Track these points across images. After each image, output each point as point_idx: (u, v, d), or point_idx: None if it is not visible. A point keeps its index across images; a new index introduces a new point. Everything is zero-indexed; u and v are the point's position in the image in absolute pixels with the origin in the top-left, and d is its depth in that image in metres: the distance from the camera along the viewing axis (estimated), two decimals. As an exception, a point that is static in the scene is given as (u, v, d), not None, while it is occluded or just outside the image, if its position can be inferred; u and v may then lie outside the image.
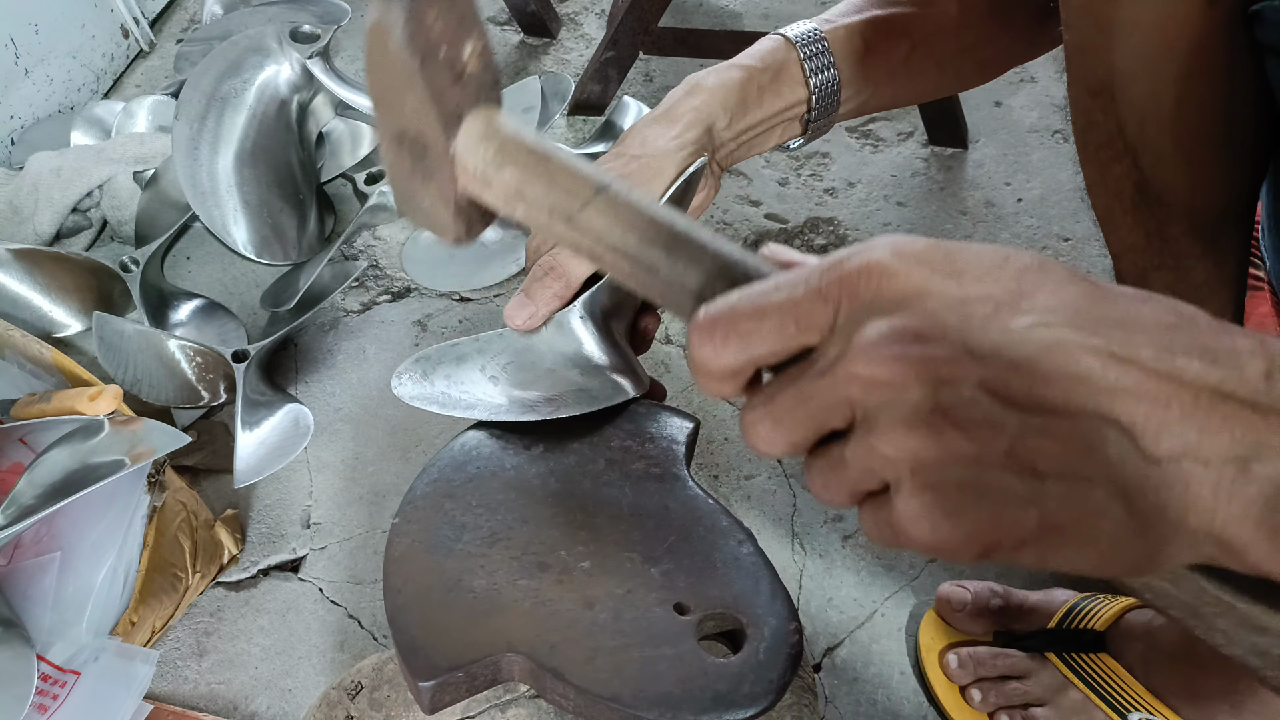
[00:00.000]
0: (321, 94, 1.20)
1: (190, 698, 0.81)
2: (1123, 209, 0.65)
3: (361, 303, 1.11)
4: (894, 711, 0.78)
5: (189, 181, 1.05)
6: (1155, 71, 0.56)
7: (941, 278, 0.33)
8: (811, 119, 0.70)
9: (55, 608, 0.77)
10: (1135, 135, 0.60)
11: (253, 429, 0.93)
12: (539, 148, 0.42)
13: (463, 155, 0.42)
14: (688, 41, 1.28)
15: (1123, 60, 0.57)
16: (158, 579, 0.82)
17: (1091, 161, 0.65)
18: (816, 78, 0.69)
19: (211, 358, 0.96)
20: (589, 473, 0.62)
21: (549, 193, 0.41)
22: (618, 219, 0.40)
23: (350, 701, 0.70)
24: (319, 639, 0.84)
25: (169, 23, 1.50)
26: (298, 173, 1.15)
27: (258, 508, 0.93)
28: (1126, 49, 0.56)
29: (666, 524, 0.59)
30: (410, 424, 0.99)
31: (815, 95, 0.69)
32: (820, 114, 0.70)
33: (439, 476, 0.62)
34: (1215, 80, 0.56)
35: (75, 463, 0.74)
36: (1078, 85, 0.62)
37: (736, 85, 0.67)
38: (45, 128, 1.27)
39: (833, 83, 0.70)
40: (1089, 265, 1.08)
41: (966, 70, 0.77)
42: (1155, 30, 0.55)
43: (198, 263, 1.16)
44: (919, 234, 1.11)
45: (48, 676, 0.75)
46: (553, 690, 0.52)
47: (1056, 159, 1.20)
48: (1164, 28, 0.55)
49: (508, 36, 1.43)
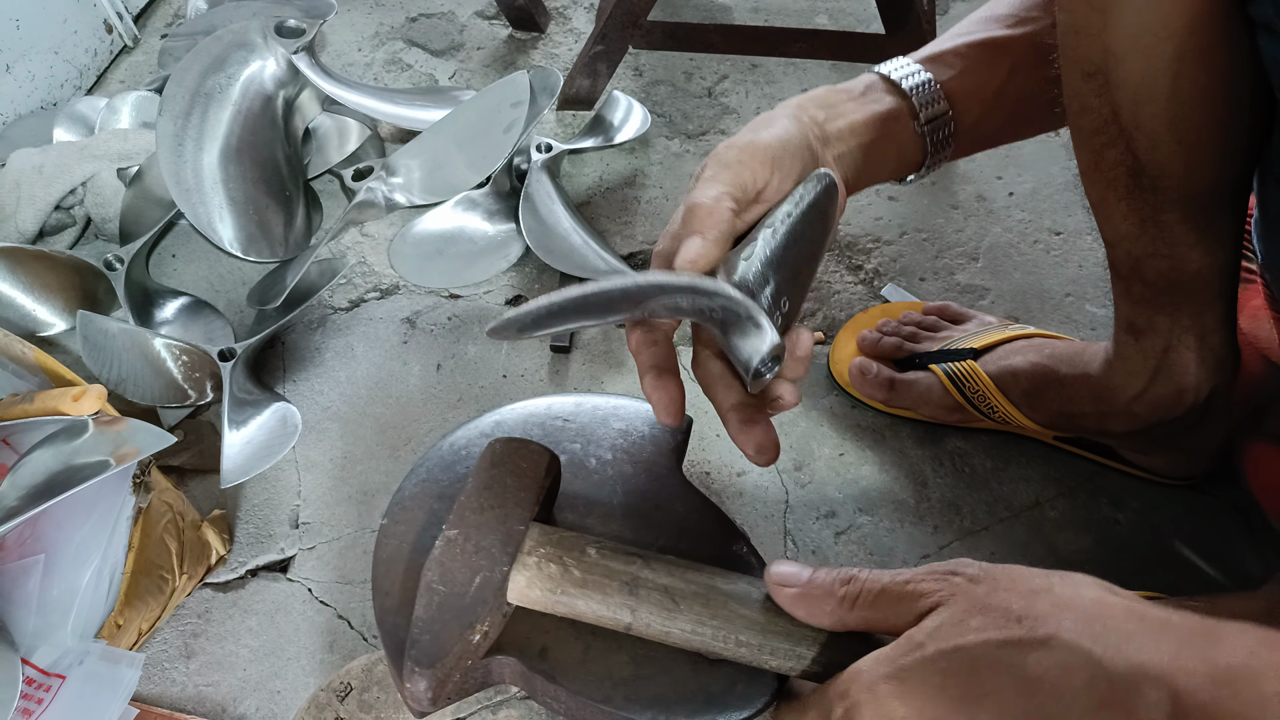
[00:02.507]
0: (307, 89, 1.19)
1: (178, 700, 0.81)
2: (1116, 196, 0.65)
3: (349, 300, 1.10)
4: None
5: (174, 178, 1.04)
6: (1150, 52, 0.56)
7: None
8: (925, 129, 0.69)
9: (39, 611, 0.76)
10: (1130, 119, 0.59)
11: (240, 428, 0.93)
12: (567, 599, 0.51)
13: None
14: (677, 35, 1.27)
15: (1117, 41, 0.56)
16: (144, 581, 0.81)
17: (1085, 147, 0.65)
18: (910, 82, 0.68)
19: (198, 356, 0.95)
20: (580, 472, 0.61)
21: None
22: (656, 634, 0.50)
23: (339, 703, 0.70)
24: (308, 640, 0.83)
25: (153, 18, 1.49)
26: (284, 169, 1.14)
27: (245, 508, 0.93)
28: (1121, 29, 0.56)
29: (659, 523, 0.59)
30: (399, 422, 0.98)
31: (915, 99, 0.68)
32: (934, 122, 0.69)
33: (427, 477, 0.61)
34: (1211, 60, 0.56)
35: (59, 464, 0.73)
36: (1071, 69, 0.61)
37: (819, 94, 0.67)
38: (27, 124, 1.25)
39: (932, 88, 0.69)
40: (1081, 260, 1.07)
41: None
42: (1150, 9, 0.54)
43: (183, 260, 1.15)
44: (911, 229, 1.11)
45: (32, 680, 0.74)
46: (543, 692, 0.52)
47: (1048, 152, 1.20)
48: (1159, 5, 0.54)
49: (496, 31, 1.42)
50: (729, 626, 0.48)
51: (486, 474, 0.54)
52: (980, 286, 1.06)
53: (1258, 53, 0.53)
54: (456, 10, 1.46)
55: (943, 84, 0.69)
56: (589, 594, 0.49)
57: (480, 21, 1.44)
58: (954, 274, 1.07)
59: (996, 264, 1.08)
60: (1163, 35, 0.55)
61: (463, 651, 0.49)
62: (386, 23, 1.45)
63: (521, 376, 1.01)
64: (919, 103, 0.68)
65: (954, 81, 0.70)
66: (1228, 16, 0.53)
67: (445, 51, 1.40)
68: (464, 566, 0.50)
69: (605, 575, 0.50)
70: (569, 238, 1.09)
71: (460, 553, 0.50)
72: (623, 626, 0.49)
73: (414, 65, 1.38)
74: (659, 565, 0.50)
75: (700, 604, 0.49)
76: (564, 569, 0.50)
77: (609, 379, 1.00)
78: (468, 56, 1.39)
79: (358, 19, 1.45)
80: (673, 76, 1.33)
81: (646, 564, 0.50)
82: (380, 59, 1.39)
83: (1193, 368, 0.72)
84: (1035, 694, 0.39)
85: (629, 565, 0.50)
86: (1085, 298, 1.04)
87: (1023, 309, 1.03)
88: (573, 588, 0.50)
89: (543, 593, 0.50)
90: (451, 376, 1.02)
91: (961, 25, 0.74)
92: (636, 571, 0.50)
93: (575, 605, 0.50)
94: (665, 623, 0.49)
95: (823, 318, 1.04)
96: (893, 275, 1.07)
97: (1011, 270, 1.08)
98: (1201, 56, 0.55)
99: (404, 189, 1.14)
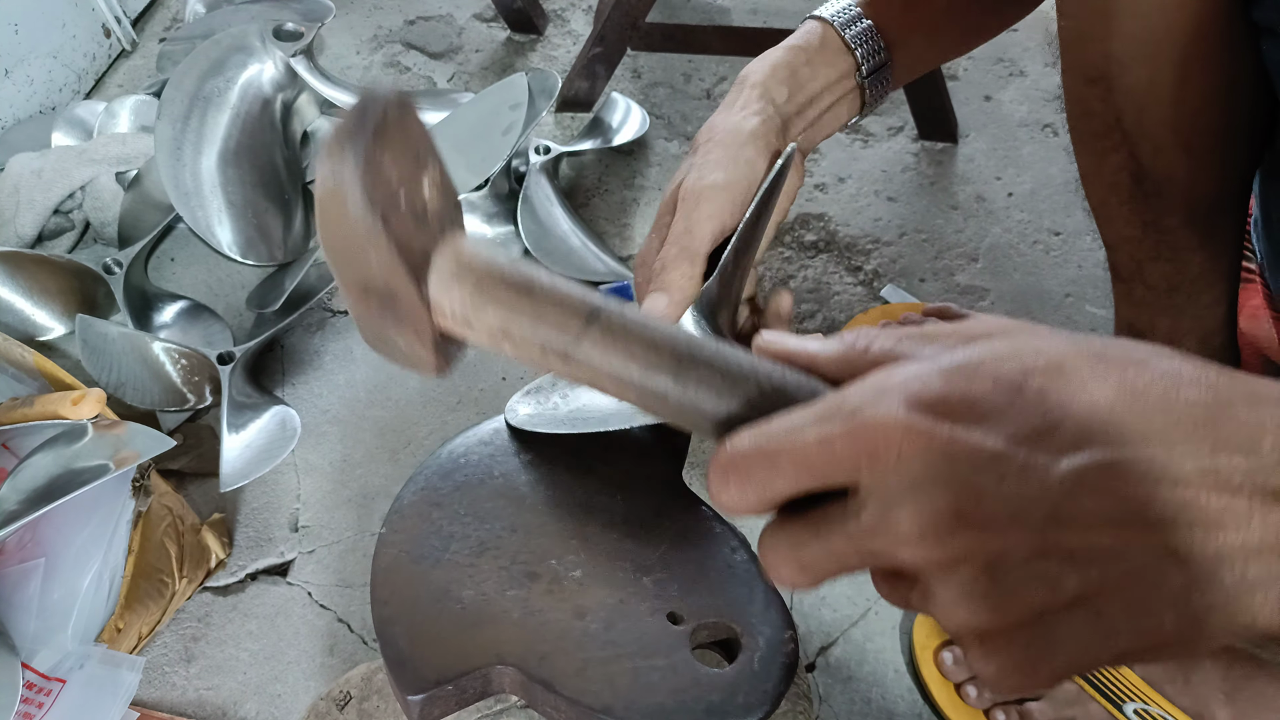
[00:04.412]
0: (306, 92, 1.18)
1: (178, 704, 0.81)
2: (1119, 200, 0.64)
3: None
4: (889, 710, 0.78)
5: (172, 182, 1.04)
6: (1155, 57, 0.56)
7: (965, 429, 0.31)
8: (866, 81, 0.69)
9: (40, 615, 0.76)
10: (1133, 124, 0.59)
11: (239, 432, 0.93)
12: (518, 278, 0.39)
13: (438, 299, 0.39)
14: (675, 37, 1.27)
15: (1121, 47, 0.56)
16: (144, 585, 0.81)
17: (1087, 152, 0.65)
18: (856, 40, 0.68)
19: (197, 360, 0.95)
20: (579, 480, 0.61)
21: (537, 328, 0.38)
22: (616, 347, 0.38)
23: (339, 712, 0.70)
24: (308, 643, 0.83)
25: (151, 22, 1.49)
26: (282, 172, 1.14)
27: (245, 511, 0.93)
28: (1125, 35, 0.56)
29: (659, 531, 0.59)
30: (399, 425, 0.98)
31: (859, 53, 0.68)
32: (874, 73, 0.69)
33: (426, 485, 0.61)
34: (1215, 64, 0.55)
35: (59, 468, 0.74)
36: (1074, 74, 0.61)
37: (784, 62, 0.67)
38: (26, 129, 1.25)
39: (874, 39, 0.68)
40: (1080, 260, 1.07)
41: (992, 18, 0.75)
42: (1155, 13, 0.54)
43: (182, 264, 1.15)
44: (910, 230, 1.11)
45: (32, 684, 0.74)
46: (544, 702, 0.52)
47: (1047, 153, 1.19)
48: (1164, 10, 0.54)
49: (494, 33, 1.42)
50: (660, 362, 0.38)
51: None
52: (980, 287, 1.06)
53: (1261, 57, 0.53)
54: (455, 13, 1.46)
55: (884, 27, 0.69)
56: (536, 304, 0.39)
57: (478, 24, 1.44)
58: (954, 275, 1.07)
59: (996, 265, 1.08)
60: (1166, 41, 0.55)
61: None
62: (385, 26, 1.45)
63: (521, 379, 1.01)
64: (861, 57, 0.68)
65: (896, 20, 0.69)
66: (1231, 21, 0.53)
67: (443, 54, 1.40)
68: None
69: (557, 296, 0.39)
70: (567, 240, 1.09)
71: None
72: (560, 349, 0.39)
73: (412, 68, 1.38)
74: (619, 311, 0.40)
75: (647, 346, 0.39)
76: (500, 268, 0.40)
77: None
78: (466, 59, 1.39)
79: (356, 22, 1.45)
80: (671, 78, 1.33)
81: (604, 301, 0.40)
82: (378, 62, 1.39)
83: None
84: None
85: (587, 295, 0.40)
86: (1085, 298, 1.04)
87: (1023, 310, 1.03)
88: (510, 291, 0.39)
89: (470, 289, 0.39)
90: (450, 379, 1.02)
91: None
92: (596, 302, 0.39)
93: (511, 318, 0.39)
94: (607, 357, 0.39)
95: (823, 319, 1.04)
96: (892, 276, 1.07)
97: (1011, 271, 1.07)
98: (1205, 61, 0.55)
99: (403, 192, 1.14)
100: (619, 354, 0.37)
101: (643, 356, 0.37)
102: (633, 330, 0.38)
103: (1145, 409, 0.31)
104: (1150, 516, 0.30)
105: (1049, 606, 0.30)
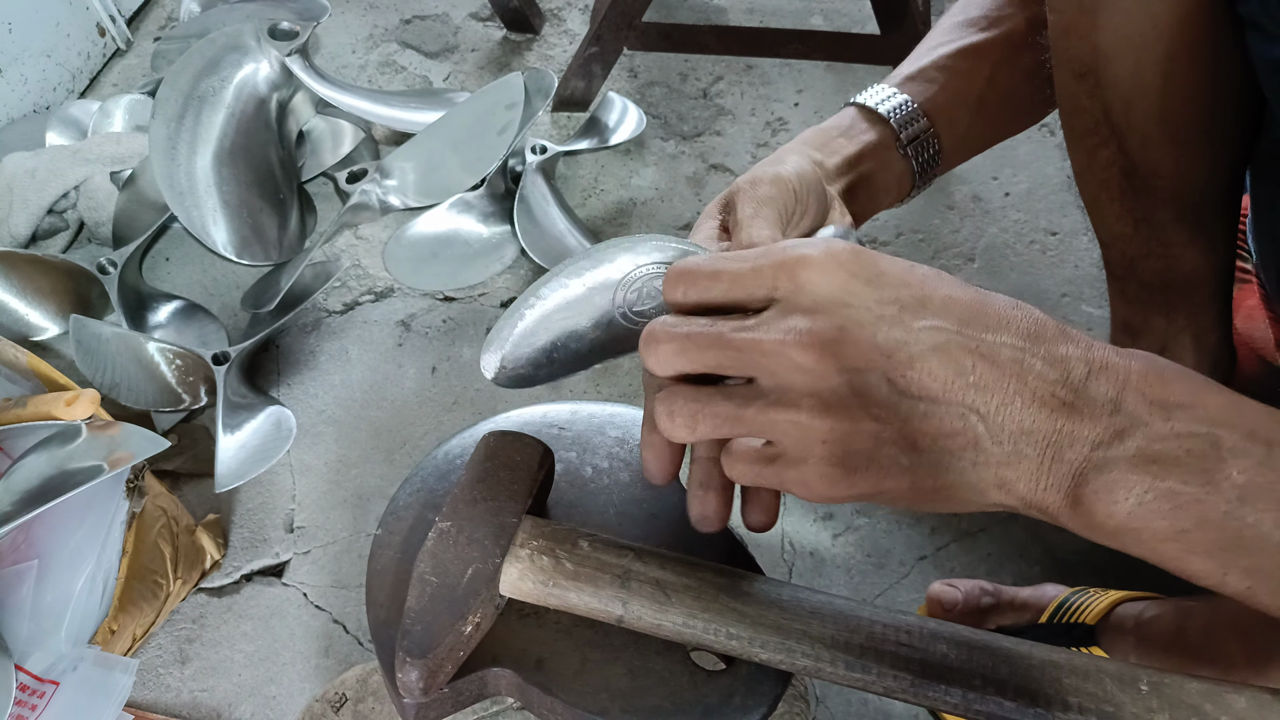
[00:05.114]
0: (301, 92, 1.18)
1: (173, 706, 0.80)
2: (1110, 196, 0.65)
3: (344, 303, 1.09)
4: (885, 711, 0.78)
5: (167, 182, 1.03)
6: (1140, 51, 0.56)
7: (862, 283, 0.42)
8: (908, 149, 0.68)
9: (33, 616, 0.76)
10: (1121, 118, 0.60)
11: (234, 432, 0.92)
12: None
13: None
14: (672, 37, 1.27)
15: (1107, 41, 0.57)
16: (138, 586, 0.81)
17: (1078, 147, 0.65)
18: (891, 111, 0.68)
19: (191, 360, 0.95)
20: (575, 481, 0.61)
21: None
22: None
23: (334, 714, 0.69)
24: (303, 645, 0.83)
25: (146, 20, 1.48)
26: (278, 172, 1.13)
27: (240, 512, 0.92)
28: (1110, 29, 0.56)
29: (655, 533, 0.58)
30: (394, 426, 0.98)
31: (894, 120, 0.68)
32: (914, 141, 0.68)
33: (421, 486, 0.60)
34: (1200, 58, 0.56)
35: (52, 469, 0.73)
36: (1063, 69, 0.62)
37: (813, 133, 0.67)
38: (20, 128, 1.25)
39: (909, 108, 0.68)
40: (1077, 260, 1.07)
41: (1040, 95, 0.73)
42: (1139, 8, 0.55)
43: (177, 264, 1.15)
44: (907, 230, 1.11)
45: (26, 686, 0.74)
46: (540, 704, 0.52)
47: (1043, 153, 1.19)
48: (1148, 5, 0.54)
49: (490, 32, 1.42)
50: (720, 620, 0.48)
51: (480, 467, 0.54)
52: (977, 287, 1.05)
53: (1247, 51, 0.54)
54: (451, 12, 1.46)
55: (925, 100, 0.69)
56: (581, 586, 0.49)
57: (475, 23, 1.44)
58: (951, 274, 1.07)
59: (993, 264, 1.08)
60: (1152, 34, 0.55)
61: (454, 642, 0.49)
62: (380, 25, 1.45)
63: (517, 379, 1.00)
64: (898, 125, 0.68)
65: (937, 96, 0.69)
66: (1216, 15, 0.54)
67: (440, 53, 1.40)
68: (456, 558, 0.50)
69: (597, 568, 0.50)
70: (564, 239, 1.09)
71: (453, 544, 0.50)
72: (614, 619, 0.49)
73: (408, 67, 1.38)
74: (651, 559, 0.50)
75: (691, 597, 0.49)
76: (556, 561, 0.50)
77: (605, 386, 1.00)
78: (462, 58, 1.39)
79: (351, 21, 1.45)
80: (668, 78, 1.33)
81: (638, 557, 0.50)
82: (374, 61, 1.39)
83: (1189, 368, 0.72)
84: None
85: (621, 558, 0.50)
86: (1082, 298, 1.04)
87: (1019, 310, 1.03)
88: (565, 580, 0.50)
89: (535, 585, 0.50)
90: (446, 379, 1.01)
91: (935, 35, 0.73)
92: (629, 564, 0.50)
93: (567, 597, 0.50)
94: (657, 615, 0.48)
95: (819, 319, 1.04)
96: (889, 277, 1.07)
97: (1008, 271, 1.07)
98: (1191, 55, 0.55)
99: (398, 191, 1.14)
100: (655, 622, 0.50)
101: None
102: (656, 624, 0.49)
103: (989, 318, 0.42)
104: (969, 381, 0.40)
105: (883, 432, 0.40)
